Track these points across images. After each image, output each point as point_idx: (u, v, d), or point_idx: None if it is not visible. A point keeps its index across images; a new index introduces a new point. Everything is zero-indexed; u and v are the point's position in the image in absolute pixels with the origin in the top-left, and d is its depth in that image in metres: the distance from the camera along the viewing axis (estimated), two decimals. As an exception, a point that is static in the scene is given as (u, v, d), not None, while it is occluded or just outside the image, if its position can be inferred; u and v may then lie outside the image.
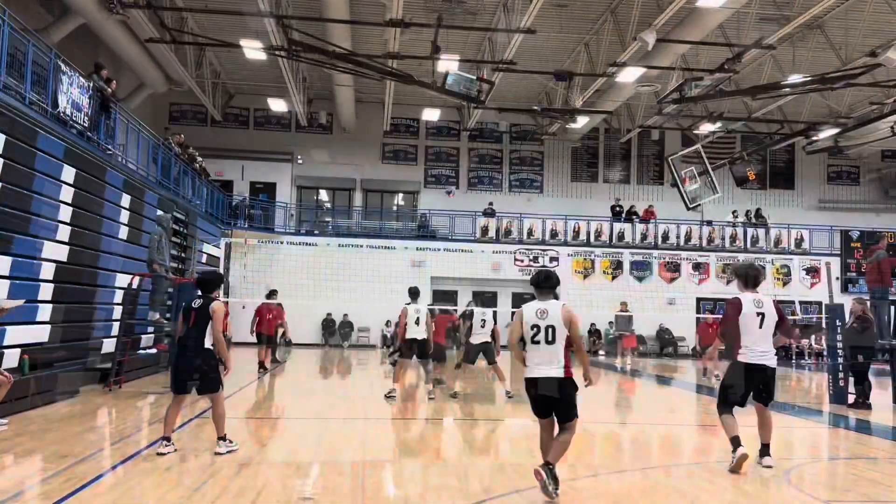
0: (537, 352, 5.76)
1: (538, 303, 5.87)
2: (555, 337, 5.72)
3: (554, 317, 5.75)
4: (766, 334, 6.97)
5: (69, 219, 12.06)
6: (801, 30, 20.56)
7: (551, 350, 5.72)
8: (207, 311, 6.83)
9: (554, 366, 5.71)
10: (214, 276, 7.26)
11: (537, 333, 5.73)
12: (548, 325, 5.73)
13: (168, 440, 6.98)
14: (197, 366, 6.86)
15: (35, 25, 15.84)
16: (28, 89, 11.06)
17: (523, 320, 5.82)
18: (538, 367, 5.74)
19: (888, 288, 13.22)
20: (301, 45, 17.53)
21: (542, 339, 5.72)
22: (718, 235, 28.95)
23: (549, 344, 5.72)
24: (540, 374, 5.72)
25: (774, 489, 6.45)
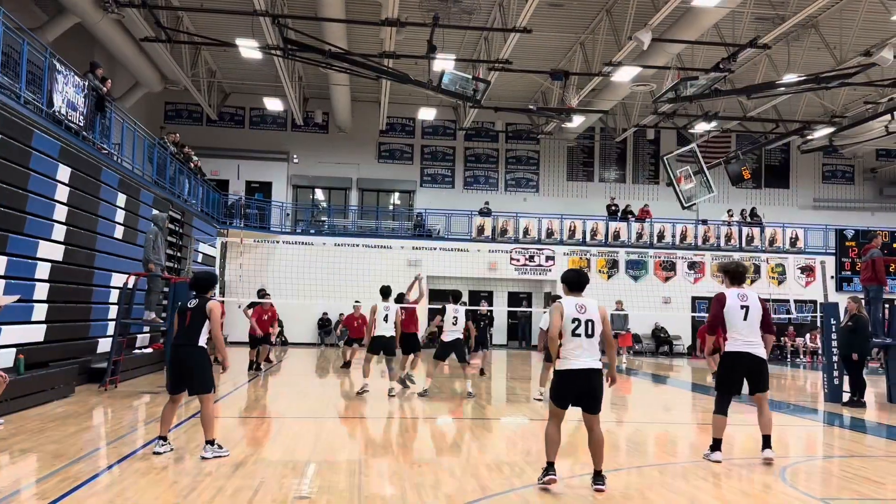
0: (578, 344, 5.95)
1: (576, 298, 6.15)
2: (594, 331, 5.98)
3: (592, 312, 6.04)
4: (752, 326, 7.25)
5: (64, 218, 12.05)
6: (796, 29, 20.62)
7: (591, 343, 5.98)
8: (203, 311, 6.82)
9: (595, 357, 5.98)
10: (209, 277, 7.25)
11: (578, 327, 5.94)
12: (587, 320, 5.98)
13: (164, 440, 6.99)
14: (191, 365, 6.85)
15: (30, 24, 15.80)
16: (23, 88, 11.03)
17: (563, 314, 6.00)
18: (579, 359, 5.92)
19: (882, 286, 13.27)
20: (297, 45, 17.51)
21: (583, 333, 5.95)
22: (714, 234, 29.01)
23: (588, 337, 5.96)
24: (583, 366, 5.91)
25: (770, 487, 6.48)
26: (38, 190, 11.13)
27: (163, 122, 28.73)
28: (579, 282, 6.26)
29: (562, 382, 6.00)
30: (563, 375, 5.98)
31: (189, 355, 6.84)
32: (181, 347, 6.90)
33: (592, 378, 5.92)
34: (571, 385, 5.95)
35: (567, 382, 5.97)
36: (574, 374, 5.93)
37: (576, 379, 5.93)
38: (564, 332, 5.98)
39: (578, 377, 5.92)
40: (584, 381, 5.92)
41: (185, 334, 6.87)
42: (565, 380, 5.97)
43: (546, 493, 5.95)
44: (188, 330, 6.85)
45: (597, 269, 27.92)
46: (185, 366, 6.86)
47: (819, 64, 21.39)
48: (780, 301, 26.40)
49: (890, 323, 13.07)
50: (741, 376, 7.41)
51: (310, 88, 28.82)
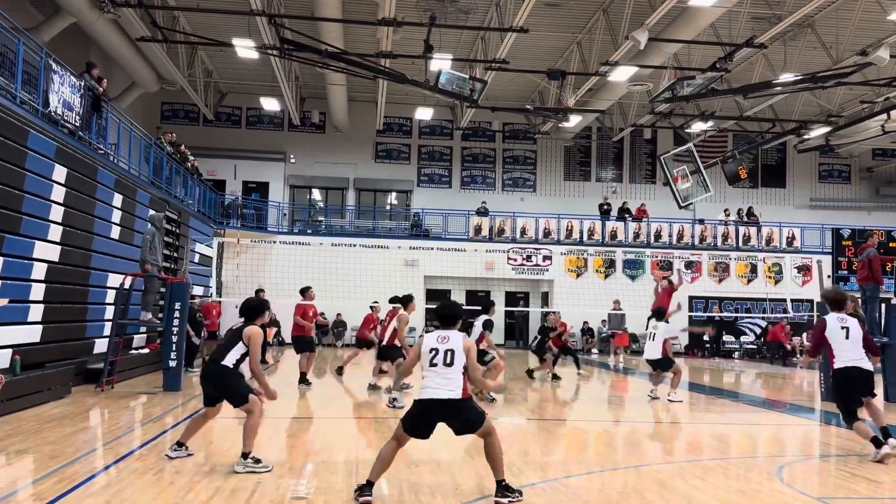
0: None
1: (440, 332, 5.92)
2: (452, 361, 5.71)
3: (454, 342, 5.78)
4: (855, 343, 7.98)
5: (61, 218, 12.02)
6: (793, 29, 20.65)
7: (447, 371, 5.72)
8: (240, 334, 6.71)
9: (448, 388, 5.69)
10: (257, 304, 7.02)
11: (435, 356, 5.72)
12: (447, 350, 5.74)
13: (181, 445, 6.90)
14: (216, 383, 6.78)
15: (26, 24, 15.78)
16: (19, 88, 11.00)
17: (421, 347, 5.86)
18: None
19: (879, 286, 13.29)
20: (293, 44, 17.48)
21: (440, 362, 5.70)
22: (711, 234, 29.05)
23: (446, 366, 5.71)
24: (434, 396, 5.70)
25: (767, 486, 6.49)
26: (34, 190, 11.10)
27: (159, 123, 28.69)
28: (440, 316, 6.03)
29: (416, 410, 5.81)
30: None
31: (210, 373, 6.83)
32: (208, 364, 6.97)
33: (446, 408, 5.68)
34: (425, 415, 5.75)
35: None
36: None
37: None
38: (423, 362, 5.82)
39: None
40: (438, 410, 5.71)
41: (216, 351, 6.92)
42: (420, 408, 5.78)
43: (543, 493, 5.95)
44: (220, 348, 6.88)
45: (594, 269, 27.94)
46: (215, 383, 6.79)
47: (815, 63, 21.43)
48: (777, 300, 26.48)
49: (886, 322, 13.09)
50: (855, 386, 7.94)
51: (306, 88, 28.80)
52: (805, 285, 28.11)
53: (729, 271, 28.43)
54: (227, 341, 6.84)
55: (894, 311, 12.97)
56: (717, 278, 28.22)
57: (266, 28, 18.22)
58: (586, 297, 24.44)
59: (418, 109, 27.24)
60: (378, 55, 19.29)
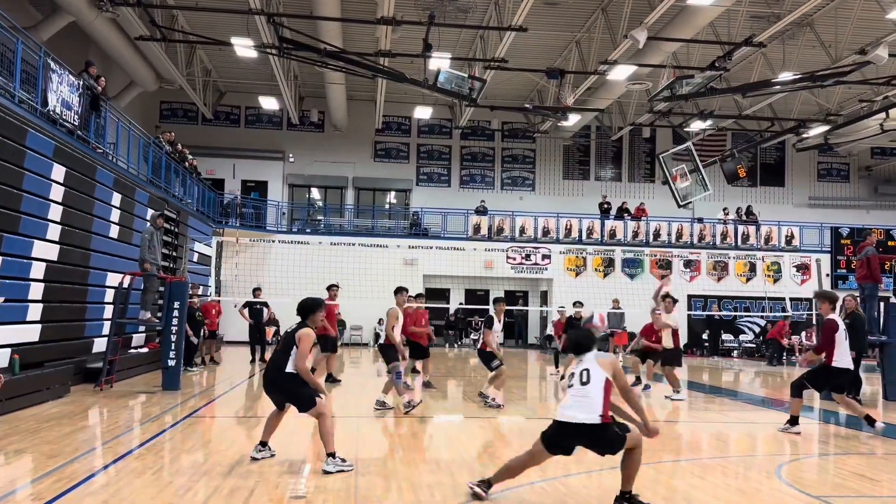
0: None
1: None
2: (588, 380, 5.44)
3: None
4: (847, 345, 8.96)
5: (59, 218, 12.01)
6: (791, 27, 20.65)
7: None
8: (293, 338, 6.68)
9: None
10: (313, 303, 6.99)
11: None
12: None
13: (264, 445, 6.88)
14: (280, 392, 6.77)
15: (24, 23, 15.76)
16: (17, 87, 10.99)
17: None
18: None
19: (878, 284, 13.30)
20: (292, 43, 17.48)
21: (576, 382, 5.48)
22: (709, 233, 29.06)
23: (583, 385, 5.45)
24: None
25: (766, 485, 6.49)
26: (32, 189, 11.09)
27: (158, 122, 28.68)
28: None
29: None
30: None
31: (273, 381, 6.74)
32: (268, 371, 6.82)
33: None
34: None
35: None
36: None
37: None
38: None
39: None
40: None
41: (274, 358, 6.82)
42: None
43: (542, 492, 5.95)
44: (277, 353, 6.80)
45: (593, 268, 27.96)
46: (278, 391, 6.78)
47: (814, 62, 21.43)
48: (776, 299, 26.49)
49: (885, 321, 13.10)
50: (847, 383, 9.17)
51: (305, 87, 28.78)
52: (804, 284, 28.13)
53: (728, 270, 28.46)
54: (284, 345, 6.78)
55: (893, 310, 12.99)
56: (715, 277, 28.23)
57: (265, 27, 18.21)
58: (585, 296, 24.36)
59: (417, 108, 27.23)
60: (377, 54, 19.28)
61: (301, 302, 6.99)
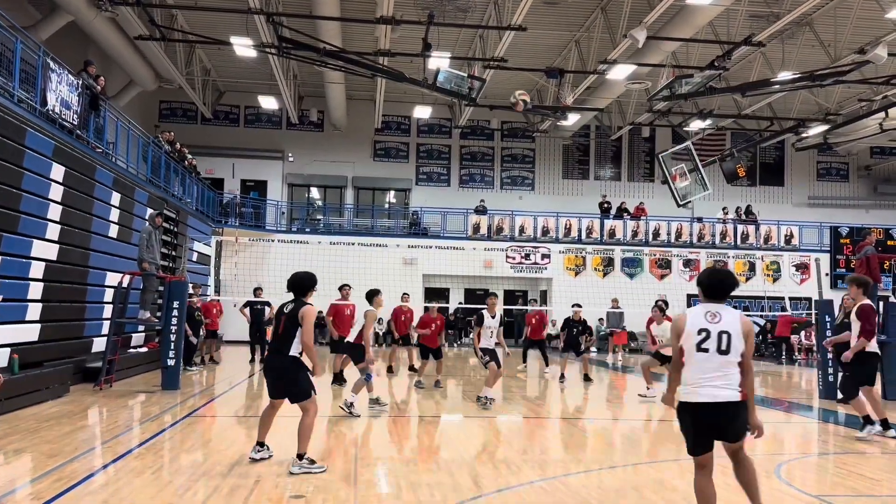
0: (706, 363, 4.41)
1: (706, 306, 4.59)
2: (728, 347, 4.41)
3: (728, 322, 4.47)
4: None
5: (59, 217, 12.01)
6: (791, 27, 20.65)
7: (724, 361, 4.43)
8: (296, 317, 6.40)
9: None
10: (306, 277, 6.70)
11: (705, 340, 4.42)
12: (722, 331, 4.44)
13: (262, 445, 6.76)
14: (283, 376, 6.50)
15: (23, 23, 15.74)
16: (16, 87, 10.99)
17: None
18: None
19: (877, 283, 13.30)
20: (291, 43, 17.47)
21: (712, 347, 4.41)
22: (709, 232, 29.07)
23: (721, 353, 4.41)
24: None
25: (764, 484, 6.48)
26: (31, 189, 11.09)
27: (157, 121, 28.67)
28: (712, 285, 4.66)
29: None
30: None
31: (280, 365, 6.48)
32: (273, 356, 6.59)
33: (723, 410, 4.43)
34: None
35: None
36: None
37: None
38: (687, 348, 4.47)
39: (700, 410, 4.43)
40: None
41: (277, 341, 6.52)
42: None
43: (542, 491, 5.95)
44: (280, 337, 6.48)
45: (592, 267, 27.96)
46: (278, 376, 6.54)
47: (813, 62, 21.43)
48: (775, 298, 26.50)
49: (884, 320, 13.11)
50: (874, 371, 8.92)
51: (305, 87, 28.77)
52: (803, 283, 28.15)
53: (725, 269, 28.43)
54: (286, 328, 6.43)
55: (892, 309, 13.00)
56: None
57: (264, 26, 18.20)
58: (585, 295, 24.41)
59: (417, 108, 27.22)
60: (376, 53, 19.28)
61: (295, 277, 6.67)
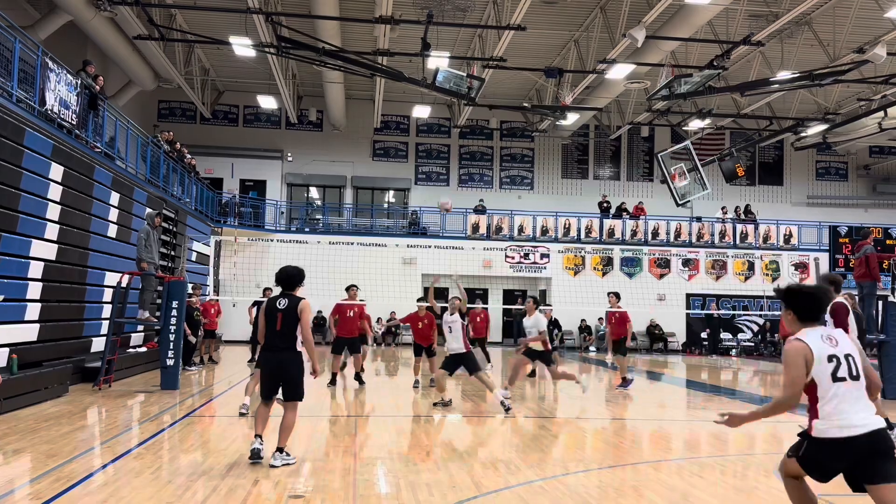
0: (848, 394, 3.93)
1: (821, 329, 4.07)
2: (858, 371, 3.99)
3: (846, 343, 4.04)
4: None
5: (58, 217, 12.00)
6: (790, 26, 20.66)
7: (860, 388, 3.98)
8: (295, 312, 6.41)
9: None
10: (296, 272, 6.71)
11: (838, 368, 3.94)
12: (846, 354, 3.99)
13: (260, 437, 6.70)
14: (291, 372, 6.46)
15: (22, 22, 15.73)
16: (15, 87, 10.98)
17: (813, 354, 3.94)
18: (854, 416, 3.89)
19: (876, 283, 13.31)
20: (290, 42, 17.47)
21: (847, 375, 3.94)
22: (708, 232, 29.07)
23: (854, 380, 3.96)
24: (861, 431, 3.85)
25: (763, 483, 6.49)
26: (30, 189, 11.08)
27: (156, 121, 28.67)
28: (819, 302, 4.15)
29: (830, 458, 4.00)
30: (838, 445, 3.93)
31: (290, 361, 6.44)
32: (280, 352, 6.46)
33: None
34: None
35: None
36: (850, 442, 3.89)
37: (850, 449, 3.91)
38: (820, 379, 3.94)
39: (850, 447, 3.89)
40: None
41: (279, 338, 6.44)
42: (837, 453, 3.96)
43: (541, 490, 5.95)
44: (281, 334, 6.42)
45: (591, 267, 27.96)
46: (285, 371, 6.46)
47: (812, 61, 21.44)
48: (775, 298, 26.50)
49: (883, 319, 13.12)
50: None
51: (304, 86, 28.77)
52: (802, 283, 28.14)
53: (726, 269, 28.47)
54: (284, 324, 6.40)
55: (891, 309, 13.01)
56: (714, 276, 28.25)
57: (263, 26, 18.19)
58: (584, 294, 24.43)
59: (416, 107, 27.22)
60: (375, 53, 19.28)
61: (286, 272, 6.69)
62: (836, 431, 3.87)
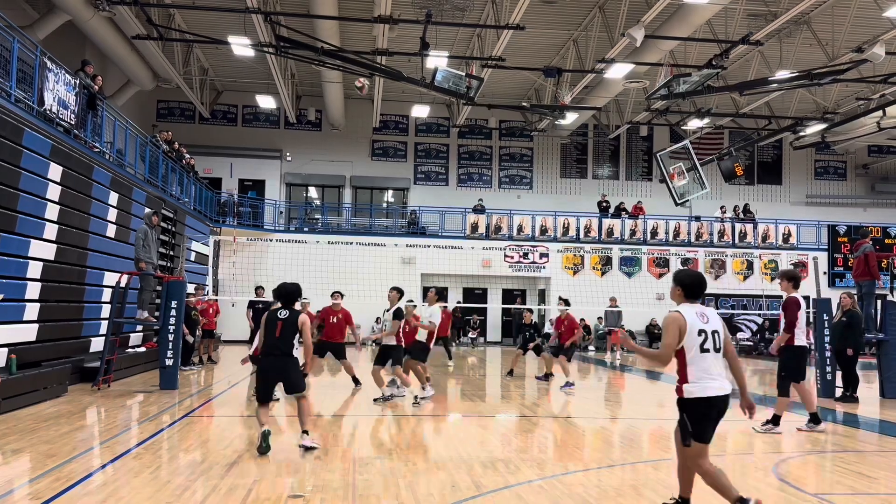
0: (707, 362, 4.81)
1: (696, 306, 4.95)
2: (720, 344, 4.86)
3: (716, 321, 4.93)
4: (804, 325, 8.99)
5: (56, 217, 12.00)
6: (788, 26, 20.67)
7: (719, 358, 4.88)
8: (296, 324, 7.25)
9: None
10: (295, 289, 7.55)
11: (705, 341, 4.81)
12: (713, 330, 4.86)
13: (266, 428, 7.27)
14: (287, 374, 7.30)
15: (20, 22, 15.73)
16: (13, 87, 10.97)
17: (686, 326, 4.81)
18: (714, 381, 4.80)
19: (875, 282, 13.32)
20: (289, 42, 17.47)
21: (711, 348, 4.82)
22: (707, 231, 29.09)
23: (717, 352, 4.85)
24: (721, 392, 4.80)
25: (762, 482, 6.50)
26: (29, 188, 11.08)
27: (155, 121, 28.65)
28: (699, 284, 5.05)
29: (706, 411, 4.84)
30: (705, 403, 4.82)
31: (286, 364, 7.26)
32: (278, 357, 7.26)
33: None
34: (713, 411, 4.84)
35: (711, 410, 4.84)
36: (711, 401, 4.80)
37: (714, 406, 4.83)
38: (689, 348, 4.80)
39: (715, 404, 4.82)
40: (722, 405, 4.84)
41: (277, 344, 7.24)
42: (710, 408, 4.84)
43: (540, 490, 5.96)
44: (280, 340, 7.23)
45: (590, 266, 27.98)
46: (284, 374, 7.30)
47: (811, 60, 21.45)
48: (774, 297, 26.52)
49: (882, 318, 13.13)
50: (803, 365, 9.06)
51: (303, 86, 28.76)
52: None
53: (725, 268, 28.49)
54: (284, 332, 7.21)
55: (890, 308, 13.01)
56: (713, 275, 28.26)
57: (262, 25, 18.18)
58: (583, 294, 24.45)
59: (415, 107, 27.22)
60: (374, 52, 19.28)
61: (285, 288, 7.48)
62: (701, 392, 4.74)
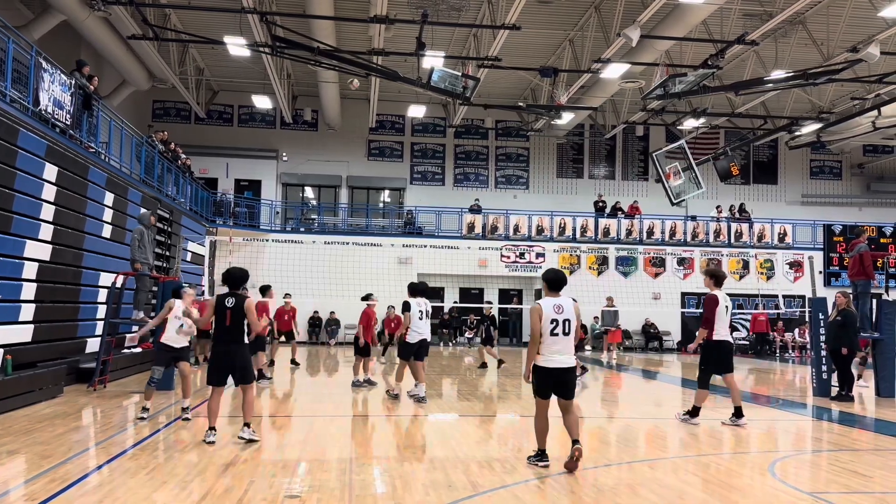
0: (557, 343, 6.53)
1: (554, 298, 6.66)
2: (570, 329, 6.53)
3: (569, 311, 6.59)
4: (727, 319, 9.33)
5: (52, 217, 11.97)
6: (784, 26, 20.71)
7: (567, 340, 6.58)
8: (242, 310, 7.38)
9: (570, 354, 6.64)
10: (241, 273, 7.67)
11: (556, 326, 6.48)
12: (565, 319, 6.52)
13: (214, 430, 7.50)
14: (238, 363, 7.45)
15: (15, 22, 15.69)
16: (8, 87, 10.94)
17: (542, 316, 6.50)
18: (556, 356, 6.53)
19: (870, 281, 13.36)
20: (285, 42, 17.45)
21: (561, 332, 6.50)
22: (703, 231, 29.14)
23: (565, 335, 6.54)
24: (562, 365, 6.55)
25: (758, 481, 6.51)
26: (24, 189, 11.05)
27: (151, 121, 28.58)
28: (558, 280, 6.74)
29: (543, 378, 6.61)
30: (544, 372, 6.59)
31: (236, 353, 7.43)
32: (228, 345, 7.43)
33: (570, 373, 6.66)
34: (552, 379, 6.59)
35: (547, 377, 6.60)
36: (550, 371, 6.56)
37: (552, 375, 6.57)
38: (544, 331, 6.49)
39: (553, 373, 6.56)
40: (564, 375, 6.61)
41: (228, 332, 7.41)
42: (546, 376, 6.60)
43: (536, 489, 5.96)
44: (231, 329, 7.40)
45: (587, 266, 28.01)
46: (233, 363, 7.43)
47: (806, 60, 21.49)
48: (769, 296, 26.59)
49: (878, 317, 13.16)
50: (725, 358, 9.34)
51: (299, 86, 28.72)
52: (797, 281, 28.26)
53: (721, 267, 28.53)
54: (233, 321, 7.36)
55: (885, 307, 13.05)
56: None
57: (258, 25, 18.16)
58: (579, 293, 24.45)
59: (411, 107, 27.21)
60: (370, 52, 19.27)
61: (233, 273, 7.64)
62: (546, 363, 6.51)
